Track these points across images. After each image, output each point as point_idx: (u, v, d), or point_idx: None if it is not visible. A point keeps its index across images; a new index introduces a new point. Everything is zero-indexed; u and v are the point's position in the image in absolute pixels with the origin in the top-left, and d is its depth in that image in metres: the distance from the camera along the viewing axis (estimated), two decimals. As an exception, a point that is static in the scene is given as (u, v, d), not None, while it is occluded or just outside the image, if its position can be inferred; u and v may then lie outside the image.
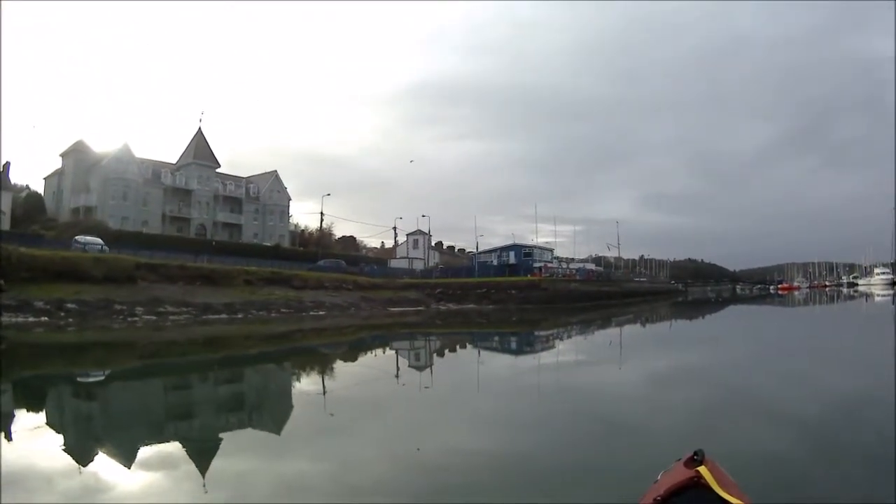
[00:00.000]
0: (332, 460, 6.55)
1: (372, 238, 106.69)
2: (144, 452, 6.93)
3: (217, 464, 6.46)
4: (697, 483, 2.98)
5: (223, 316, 31.19)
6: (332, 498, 5.28)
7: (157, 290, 33.30)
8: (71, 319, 25.29)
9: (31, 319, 24.53)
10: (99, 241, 42.12)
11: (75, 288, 29.65)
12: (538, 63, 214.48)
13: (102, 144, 71.39)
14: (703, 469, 3.02)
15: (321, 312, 37.08)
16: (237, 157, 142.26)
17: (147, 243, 50.70)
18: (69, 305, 27.08)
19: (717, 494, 2.89)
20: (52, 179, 71.25)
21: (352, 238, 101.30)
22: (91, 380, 13.52)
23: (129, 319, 26.91)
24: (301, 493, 5.36)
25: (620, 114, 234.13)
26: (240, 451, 7.17)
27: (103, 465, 6.51)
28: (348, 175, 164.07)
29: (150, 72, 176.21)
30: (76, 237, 42.97)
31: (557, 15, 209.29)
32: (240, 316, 31.77)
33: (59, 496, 5.26)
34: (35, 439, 7.48)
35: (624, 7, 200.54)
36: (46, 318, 24.98)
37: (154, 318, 28.07)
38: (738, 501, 2.84)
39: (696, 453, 3.14)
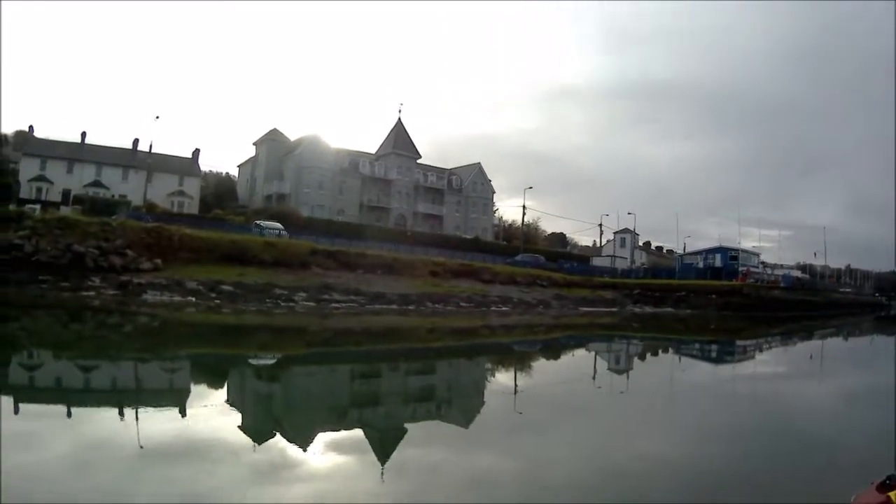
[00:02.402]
0: (521, 458, 6.51)
1: (583, 236, 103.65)
2: (321, 437, 7.25)
3: (399, 454, 6.61)
4: None
5: (393, 307, 30.74)
6: (521, 497, 5.29)
7: (330, 276, 33.58)
8: (218, 301, 25.92)
9: (176, 299, 25.39)
10: (278, 226, 43.90)
11: (240, 270, 30.59)
12: (741, 63, 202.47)
13: (298, 133, 76.08)
14: (894, 494, 3.06)
15: (505, 308, 36.10)
16: (447, 154, 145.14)
17: (339, 231, 52.98)
18: (224, 287, 27.75)
19: None
20: (247, 167, 76.01)
21: (561, 235, 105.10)
22: (260, 362, 14.03)
23: (285, 305, 27.08)
24: (488, 489, 5.43)
25: (824, 116, 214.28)
26: (424, 443, 7.31)
27: (277, 446, 6.75)
28: (561, 173, 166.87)
29: (357, 64, 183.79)
30: (256, 221, 43.53)
31: (754, 14, 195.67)
32: (412, 308, 31.26)
33: (232, 468, 5.56)
34: (209, 416, 7.87)
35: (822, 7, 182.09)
36: (193, 299, 25.74)
37: (313, 304, 28.10)
38: None
39: (888, 478, 3.22)
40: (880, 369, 18.72)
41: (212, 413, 8.09)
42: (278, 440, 7.02)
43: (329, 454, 6.42)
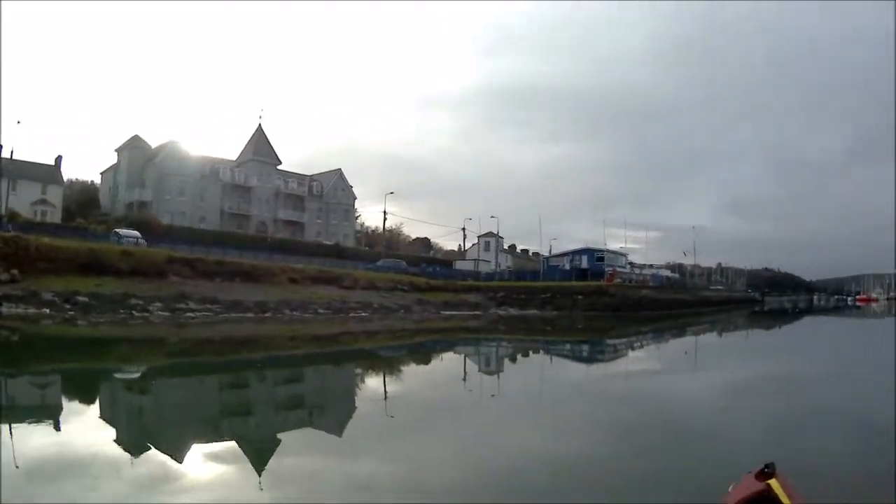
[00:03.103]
0: (396, 461, 6.91)
1: (448, 240, 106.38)
2: (196, 448, 7.42)
3: (275, 462, 6.88)
4: (767, 497, 3.13)
5: (250, 314, 31.06)
6: (399, 498, 5.61)
7: (187, 285, 33.42)
8: (73, 313, 25.68)
9: (31, 311, 24.99)
10: (136, 234, 43.50)
11: (97, 280, 30.09)
12: (613, 64, 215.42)
13: (160, 140, 73.90)
14: (773, 482, 3.18)
15: (365, 314, 36.99)
16: (311, 162, 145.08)
17: (200, 239, 51.84)
18: (80, 298, 27.36)
19: None
20: (109, 174, 73.89)
21: (425, 240, 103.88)
22: (127, 376, 14.10)
23: (139, 315, 27.04)
24: (365, 493, 5.69)
25: (697, 118, 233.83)
26: (298, 451, 7.61)
27: (154, 459, 6.95)
28: (425, 178, 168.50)
29: (216, 70, 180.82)
30: (115, 230, 43.71)
31: (632, 15, 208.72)
32: (269, 315, 31.68)
33: (114, 482, 5.70)
34: (83, 431, 8.00)
35: (699, 7, 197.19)
36: (49, 311, 25.39)
37: (168, 314, 28.14)
38: None
39: (766, 466, 3.31)
40: (754, 362, 19.77)
41: (86, 427, 8.22)
42: (154, 453, 7.19)
43: (206, 464, 6.62)
